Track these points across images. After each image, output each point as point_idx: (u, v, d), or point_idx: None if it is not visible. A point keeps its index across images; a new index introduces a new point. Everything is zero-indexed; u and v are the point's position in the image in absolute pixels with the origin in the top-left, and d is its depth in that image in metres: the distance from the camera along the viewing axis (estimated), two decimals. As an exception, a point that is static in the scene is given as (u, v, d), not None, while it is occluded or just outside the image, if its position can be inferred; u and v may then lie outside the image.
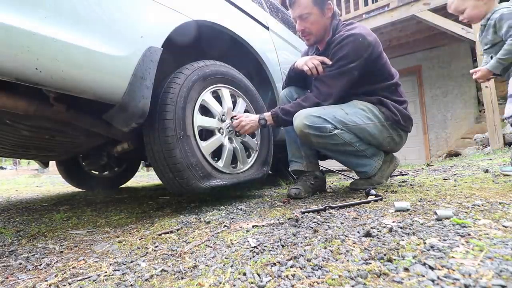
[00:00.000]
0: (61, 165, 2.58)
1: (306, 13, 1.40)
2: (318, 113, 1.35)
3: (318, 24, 1.43)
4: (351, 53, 1.33)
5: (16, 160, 18.19)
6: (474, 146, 4.84)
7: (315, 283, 0.52)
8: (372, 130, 1.41)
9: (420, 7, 4.54)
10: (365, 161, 1.46)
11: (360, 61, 1.34)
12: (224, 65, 1.52)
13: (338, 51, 1.36)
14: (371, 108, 1.43)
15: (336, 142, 1.38)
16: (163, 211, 1.39)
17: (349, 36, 1.34)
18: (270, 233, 0.84)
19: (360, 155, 1.44)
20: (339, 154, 1.46)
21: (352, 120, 1.38)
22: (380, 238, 0.72)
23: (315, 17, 1.41)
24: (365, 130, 1.40)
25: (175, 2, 1.24)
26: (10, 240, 1.04)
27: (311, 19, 1.41)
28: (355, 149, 1.42)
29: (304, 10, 1.39)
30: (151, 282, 0.59)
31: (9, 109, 0.97)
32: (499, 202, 0.97)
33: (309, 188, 1.49)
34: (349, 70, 1.35)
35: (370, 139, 1.43)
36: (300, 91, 1.62)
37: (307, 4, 1.38)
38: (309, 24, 1.42)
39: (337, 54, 1.36)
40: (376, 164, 1.47)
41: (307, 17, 1.41)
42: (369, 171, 1.47)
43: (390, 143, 1.48)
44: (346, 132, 1.38)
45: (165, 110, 1.19)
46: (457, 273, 0.51)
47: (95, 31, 0.93)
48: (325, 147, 1.42)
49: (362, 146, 1.43)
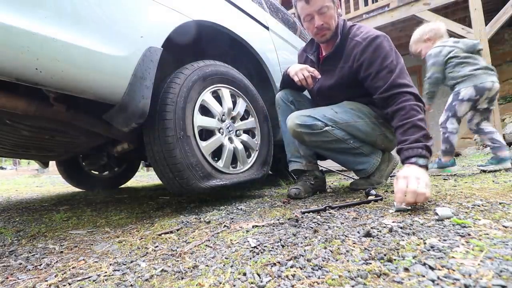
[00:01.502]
0: (61, 165, 2.59)
1: (326, 6, 1.34)
2: (309, 112, 1.40)
3: (334, 20, 1.39)
4: (391, 50, 1.32)
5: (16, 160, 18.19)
6: (474, 146, 4.84)
7: (315, 283, 0.52)
8: (362, 127, 1.42)
9: (420, 7, 4.54)
10: (362, 159, 1.47)
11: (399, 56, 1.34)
12: (224, 65, 1.52)
13: (376, 53, 1.30)
14: (360, 107, 1.45)
15: (329, 139, 1.40)
16: (163, 211, 1.39)
17: (375, 37, 1.32)
18: (270, 233, 0.84)
19: (357, 152, 1.45)
20: (335, 152, 1.46)
21: (342, 117, 1.40)
22: (380, 238, 0.72)
23: (332, 11, 1.36)
24: (356, 127, 1.41)
25: (175, 2, 1.24)
26: (10, 240, 1.04)
27: (329, 14, 1.36)
28: (350, 146, 1.43)
29: (324, 3, 1.33)
30: (151, 282, 0.59)
31: (9, 109, 0.97)
32: (499, 202, 0.97)
33: (309, 188, 1.49)
34: (402, 66, 1.31)
35: (363, 136, 1.44)
36: (295, 94, 1.62)
37: None
38: (327, 18, 1.36)
39: (378, 57, 1.30)
40: (375, 162, 1.47)
41: (326, 12, 1.35)
42: (368, 168, 1.47)
43: (383, 140, 1.48)
44: (337, 129, 1.40)
45: (165, 110, 1.19)
46: (457, 273, 0.51)
47: (95, 31, 0.93)
48: (319, 145, 1.43)
49: (356, 143, 1.43)
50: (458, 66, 1.84)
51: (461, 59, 1.83)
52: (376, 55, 1.31)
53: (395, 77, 1.26)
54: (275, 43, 2.05)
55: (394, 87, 1.25)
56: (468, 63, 1.82)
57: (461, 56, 1.83)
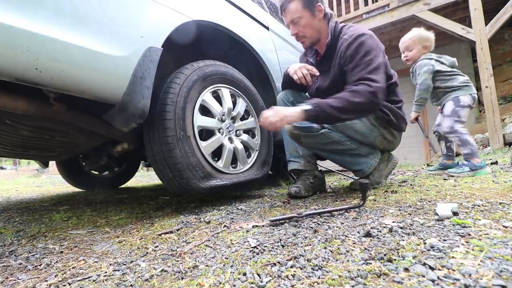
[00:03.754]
0: (61, 165, 2.59)
1: (297, 17, 1.41)
2: None
3: (311, 27, 1.44)
4: (373, 48, 1.32)
5: (16, 160, 18.19)
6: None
7: (315, 283, 0.52)
8: (360, 129, 1.43)
9: (420, 7, 4.54)
10: (360, 160, 1.48)
11: (382, 55, 1.34)
12: (224, 65, 1.52)
13: (358, 50, 1.31)
14: None
15: (325, 141, 1.42)
16: (163, 211, 1.39)
17: (360, 35, 1.34)
18: (270, 233, 0.84)
19: (354, 153, 1.46)
20: (333, 153, 1.48)
21: None
22: (380, 238, 0.72)
23: (306, 20, 1.42)
24: (353, 129, 1.42)
25: (175, 2, 1.24)
26: (10, 240, 1.04)
27: (302, 23, 1.42)
28: (347, 147, 1.44)
29: (295, 15, 1.41)
30: (151, 282, 0.59)
31: (9, 109, 0.97)
32: (499, 202, 0.97)
33: (309, 187, 1.50)
34: (379, 64, 1.30)
35: (360, 137, 1.44)
36: (296, 94, 1.63)
37: (297, 8, 1.40)
38: (301, 27, 1.43)
39: (358, 53, 1.31)
40: (373, 162, 1.48)
41: (298, 21, 1.42)
42: (365, 169, 1.48)
43: (382, 141, 1.48)
44: (334, 131, 1.41)
45: (165, 110, 1.19)
46: (457, 273, 0.51)
47: (95, 31, 0.93)
48: (316, 146, 1.46)
49: (353, 144, 1.45)
50: (449, 77, 1.92)
51: (450, 72, 1.93)
52: (358, 51, 1.32)
53: (366, 72, 1.28)
54: (275, 43, 2.05)
55: (361, 80, 1.27)
56: (457, 75, 1.93)
57: (449, 70, 1.93)
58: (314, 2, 1.41)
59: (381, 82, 1.27)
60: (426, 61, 1.93)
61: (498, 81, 5.09)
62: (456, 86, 1.89)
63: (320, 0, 1.42)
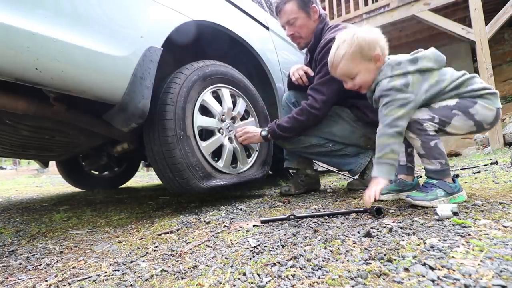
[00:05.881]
0: (61, 165, 2.59)
1: (293, 18, 1.42)
2: None
3: (306, 28, 1.45)
4: None
5: (16, 160, 18.19)
6: (474, 146, 4.85)
7: (315, 283, 0.52)
8: (338, 132, 1.44)
9: (420, 7, 4.54)
10: (349, 160, 1.49)
11: None
12: (224, 65, 1.52)
13: (324, 56, 1.32)
14: (339, 111, 1.45)
15: (306, 145, 1.46)
16: (163, 211, 1.39)
17: (331, 39, 1.30)
18: (270, 233, 0.84)
19: (341, 154, 1.47)
20: (318, 155, 1.52)
21: None
22: (380, 238, 0.72)
23: (302, 21, 1.43)
24: (330, 132, 1.44)
25: (175, 2, 1.24)
26: (10, 240, 1.04)
27: (298, 23, 1.43)
28: (330, 149, 1.46)
29: (291, 15, 1.42)
30: (151, 282, 0.59)
31: (9, 109, 0.97)
32: (499, 202, 0.97)
33: (300, 185, 1.54)
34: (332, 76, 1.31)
35: (342, 139, 1.45)
36: (298, 95, 1.64)
37: (292, 9, 1.41)
38: (297, 28, 1.44)
39: (323, 59, 1.32)
40: (362, 161, 1.48)
41: (294, 22, 1.43)
42: (354, 168, 1.48)
43: (368, 142, 1.47)
44: (310, 136, 1.44)
45: (165, 110, 1.19)
46: (457, 273, 0.51)
47: (95, 31, 0.92)
48: (299, 150, 1.51)
49: (337, 146, 1.46)
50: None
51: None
52: (324, 57, 1.33)
53: (317, 83, 1.36)
54: (275, 43, 2.05)
55: (310, 90, 1.37)
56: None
57: None
58: (309, 3, 1.42)
59: (326, 95, 1.33)
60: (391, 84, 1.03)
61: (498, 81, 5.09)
62: None
63: (314, 1, 1.43)
